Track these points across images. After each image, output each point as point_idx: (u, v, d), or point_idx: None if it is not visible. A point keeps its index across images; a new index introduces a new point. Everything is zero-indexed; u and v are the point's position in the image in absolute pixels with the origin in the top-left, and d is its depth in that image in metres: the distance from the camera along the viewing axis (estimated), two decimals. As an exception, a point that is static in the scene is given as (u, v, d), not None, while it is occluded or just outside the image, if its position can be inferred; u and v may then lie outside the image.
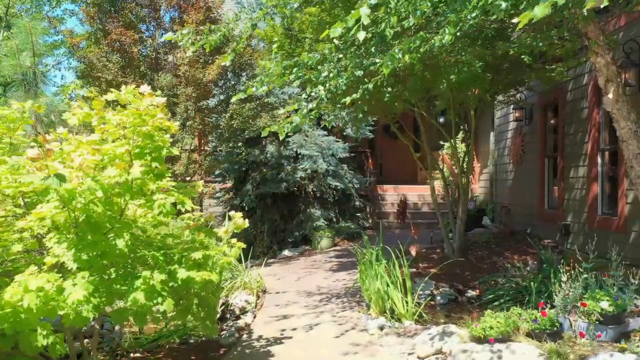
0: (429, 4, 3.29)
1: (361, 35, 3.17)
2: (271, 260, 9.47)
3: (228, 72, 8.61)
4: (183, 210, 3.52)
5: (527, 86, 8.38)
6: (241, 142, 10.07)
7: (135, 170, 3.07)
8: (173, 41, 8.25)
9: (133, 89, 3.48)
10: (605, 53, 4.65)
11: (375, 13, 3.53)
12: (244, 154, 10.05)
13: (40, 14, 8.60)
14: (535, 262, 6.79)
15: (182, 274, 3.40)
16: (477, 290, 6.44)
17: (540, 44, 5.37)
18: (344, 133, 11.21)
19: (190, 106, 7.63)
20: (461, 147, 10.17)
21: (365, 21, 3.01)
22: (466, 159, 8.44)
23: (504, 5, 2.92)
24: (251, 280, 6.71)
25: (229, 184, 11.37)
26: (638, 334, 4.00)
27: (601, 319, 3.95)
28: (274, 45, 5.61)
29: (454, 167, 10.96)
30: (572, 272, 4.60)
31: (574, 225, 7.82)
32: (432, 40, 3.48)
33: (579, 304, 4.06)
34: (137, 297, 3.08)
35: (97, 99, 3.39)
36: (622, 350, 3.68)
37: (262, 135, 6.07)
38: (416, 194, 12.80)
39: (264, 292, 6.85)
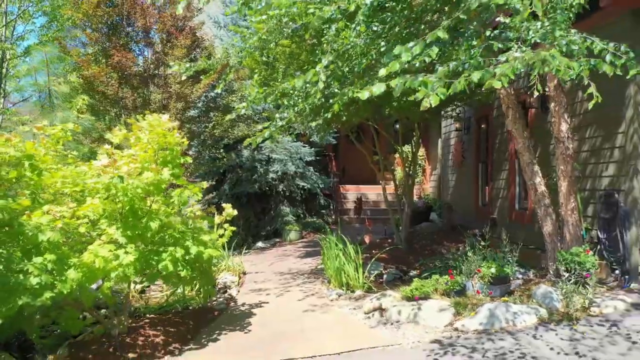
0: (364, 61, 4.77)
1: (320, 85, 4.63)
2: (247, 251, 10.84)
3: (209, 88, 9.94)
4: (195, 200, 4.91)
5: (464, 102, 10.02)
6: (222, 148, 11.44)
7: (165, 174, 4.46)
8: (160, 59, 9.61)
9: (158, 117, 4.84)
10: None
11: (329, 67, 4.99)
12: (225, 159, 11.40)
13: (47, 35, 9.66)
14: (464, 248, 8.42)
15: (194, 250, 4.79)
16: (418, 271, 7.96)
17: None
18: (311, 139, 12.67)
19: (179, 117, 8.94)
20: (408, 153, 11.75)
21: (322, 81, 4.44)
22: (411, 164, 9.97)
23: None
24: (233, 264, 8.11)
25: (209, 185, 12.70)
26: (517, 291, 5.62)
27: (492, 280, 5.54)
28: (255, 76, 7.00)
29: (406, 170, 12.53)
30: (485, 252, 6.19)
31: (499, 219, 9.51)
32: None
33: (478, 270, 5.64)
34: (167, 264, 4.46)
35: (135, 124, 4.75)
36: (505, 302, 5.27)
37: (244, 145, 7.48)
38: (375, 193, 14.38)
39: (244, 273, 8.25)
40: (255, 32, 6.41)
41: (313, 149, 12.87)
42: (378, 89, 3.82)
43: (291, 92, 5.99)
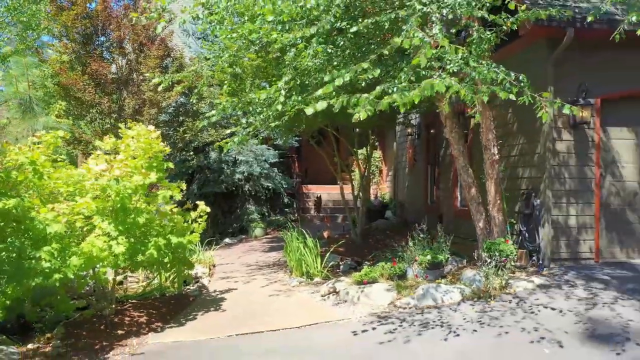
0: (321, 76, 5.68)
1: (281, 98, 5.51)
2: (215, 247, 11.59)
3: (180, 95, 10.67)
4: (175, 199, 5.72)
5: (415, 110, 11.07)
6: (191, 150, 12.15)
7: (152, 177, 5.26)
8: (134, 68, 10.28)
9: (143, 127, 5.62)
10: (442, 98, 7.23)
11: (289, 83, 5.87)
12: (194, 161, 12.13)
13: (24, 44, 10.11)
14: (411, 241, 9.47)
15: (174, 240, 5.60)
16: (371, 261, 8.92)
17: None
18: (275, 143, 13.52)
19: (153, 123, 9.63)
20: (364, 155, 12.74)
21: (282, 95, 5.33)
22: (366, 166, 10.97)
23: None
24: (204, 258, 8.90)
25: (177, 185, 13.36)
26: (449, 275, 6.66)
27: (428, 266, 6.56)
28: (225, 87, 7.81)
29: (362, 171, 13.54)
30: (429, 243, 7.21)
31: (445, 215, 10.62)
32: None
33: (416, 258, 6.65)
34: (153, 252, 5.26)
35: (126, 134, 5.51)
36: (438, 283, 6.28)
37: (215, 147, 8.27)
38: (334, 192, 15.29)
39: (214, 266, 9.05)
40: (225, 47, 7.25)
41: (277, 151, 13.72)
42: (321, 105, 4.78)
43: (257, 101, 6.88)
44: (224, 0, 5.82)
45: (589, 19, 5.73)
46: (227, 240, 12.27)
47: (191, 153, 12.25)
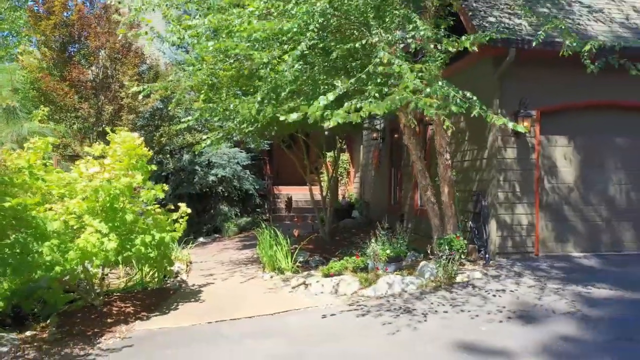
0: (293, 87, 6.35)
1: (253, 111, 6.16)
2: (191, 245, 12.12)
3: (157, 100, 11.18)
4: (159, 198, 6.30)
5: (379, 116, 11.88)
6: (167, 153, 12.65)
7: (138, 178, 5.84)
8: (111, 75, 10.74)
9: (129, 134, 6.18)
10: (404, 108, 8.01)
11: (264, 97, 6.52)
12: (169, 163, 12.62)
13: (5, 49, 10.44)
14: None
15: (157, 236, 6.18)
16: (338, 257, 9.62)
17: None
18: (247, 146, 14.11)
19: (131, 127, 10.13)
20: (332, 158, 13.48)
21: (255, 108, 5.98)
22: (334, 169, 11.70)
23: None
24: (182, 255, 9.45)
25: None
26: (407, 267, 7.43)
27: (388, 260, 7.32)
28: (201, 96, 8.39)
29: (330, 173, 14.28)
30: (390, 239, 7.96)
31: (407, 215, 11.43)
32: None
33: (377, 252, 7.40)
34: (140, 248, 5.83)
35: (113, 140, 6.06)
36: (396, 275, 7.04)
37: (194, 150, 8.84)
38: (304, 193, 15.95)
39: (191, 263, 9.60)
40: (202, 58, 7.84)
41: (249, 154, 14.32)
42: (297, 116, 5.48)
43: (232, 109, 7.52)
44: (204, 24, 6.38)
45: (533, 43, 6.59)
46: (201, 239, 12.80)
47: (167, 156, 12.74)
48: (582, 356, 4.41)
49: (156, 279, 7.83)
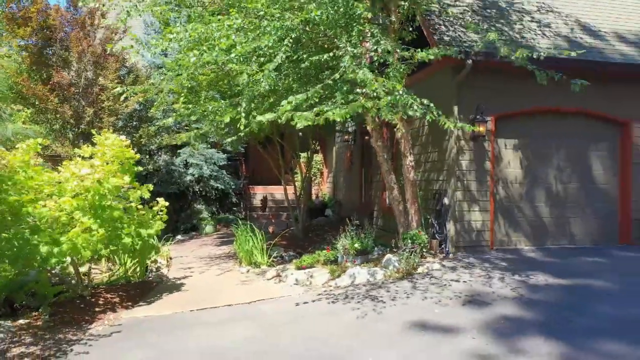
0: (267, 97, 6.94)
1: (243, 120, 6.72)
2: (169, 243, 12.56)
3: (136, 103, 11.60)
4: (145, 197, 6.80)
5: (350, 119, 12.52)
6: (147, 154, 13.05)
7: (126, 179, 6.33)
8: (92, 79, 11.12)
9: (117, 137, 6.66)
10: (367, 114, 8.66)
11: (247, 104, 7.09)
12: (149, 164, 13.03)
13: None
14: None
15: (143, 232, 6.69)
16: (310, 252, 10.21)
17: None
18: (224, 147, 14.60)
19: (111, 129, 10.54)
20: (306, 158, 14.07)
21: (243, 116, 6.55)
22: (307, 169, 12.29)
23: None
24: (162, 251, 9.90)
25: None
26: (374, 260, 8.08)
27: (356, 253, 7.96)
28: (182, 98, 8.88)
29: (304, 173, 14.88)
30: (358, 235, 8.60)
31: (376, 212, 12.12)
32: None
33: (346, 247, 8.04)
34: (127, 240, 6.33)
35: (102, 142, 6.54)
36: (364, 267, 7.68)
37: (172, 153, 9.34)
38: (279, 192, 16.57)
39: (171, 258, 10.07)
40: (182, 65, 8.33)
41: (226, 154, 14.81)
42: (271, 116, 6.11)
43: (210, 111, 8.07)
44: (186, 37, 6.90)
45: (475, 48, 7.33)
46: (179, 237, 13.25)
47: (146, 156, 13.14)
48: (518, 332, 5.10)
49: (138, 273, 8.31)
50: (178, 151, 13.66)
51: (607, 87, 9.15)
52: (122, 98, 8.61)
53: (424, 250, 8.13)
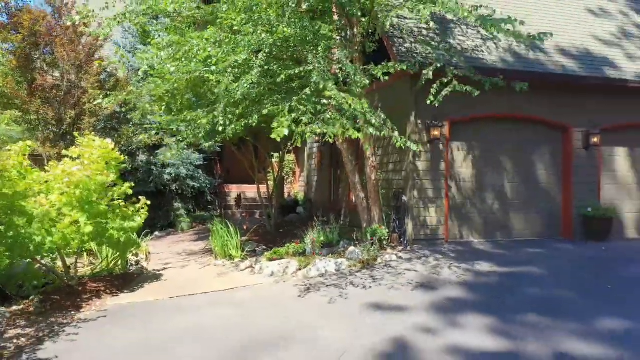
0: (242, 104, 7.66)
1: (220, 121, 7.40)
2: (147, 239, 13.12)
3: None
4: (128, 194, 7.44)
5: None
6: (126, 154, 13.55)
7: (112, 177, 6.96)
8: (74, 82, 11.63)
9: (104, 140, 7.28)
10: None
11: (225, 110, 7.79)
12: (129, 164, 13.55)
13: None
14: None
15: (127, 224, 7.33)
16: (281, 247, 11.00)
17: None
18: (200, 147, 15.19)
19: (91, 130, 11.08)
20: (278, 158, 14.77)
21: (221, 121, 7.25)
22: (279, 169, 13.01)
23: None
24: (142, 247, 10.49)
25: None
26: (339, 252, 8.87)
27: (322, 245, 8.73)
28: (163, 107, 9.53)
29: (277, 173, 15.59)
30: (324, 229, 9.38)
31: (344, 210, 12.91)
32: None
33: (314, 240, 8.80)
34: (113, 233, 6.97)
35: (90, 144, 7.15)
36: (329, 258, 8.46)
37: (149, 153, 9.95)
38: (253, 191, 17.24)
39: (150, 253, 10.66)
40: (163, 77, 8.99)
41: (202, 155, 15.42)
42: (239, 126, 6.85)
43: (190, 120, 8.74)
44: (168, 53, 7.57)
45: (442, 69, 8.20)
46: (157, 233, 13.82)
47: (126, 156, 13.64)
48: (458, 310, 5.94)
49: (120, 266, 8.91)
50: (156, 151, 14.22)
51: (550, 96, 10.14)
52: (104, 105, 9.14)
53: (385, 243, 8.95)
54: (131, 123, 12.87)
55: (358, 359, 4.69)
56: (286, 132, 6.41)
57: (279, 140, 6.77)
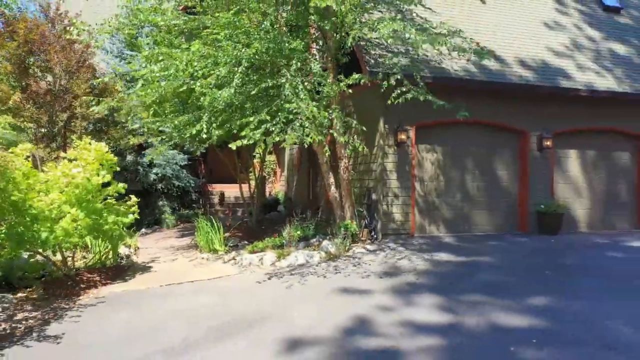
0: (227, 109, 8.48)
1: (205, 135, 8.20)
2: (135, 235, 13.81)
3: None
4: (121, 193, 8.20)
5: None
6: (115, 154, 14.23)
7: (107, 177, 7.72)
8: (65, 87, 12.29)
9: (99, 144, 8.02)
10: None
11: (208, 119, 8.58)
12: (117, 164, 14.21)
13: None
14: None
15: (119, 219, 8.09)
16: (262, 242, 11.84)
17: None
18: (185, 149, 15.93)
19: (82, 133, 11.76)
20: (259, 159, 15.60)
21: (205, 129, 8.06)
22: (260, 169, 13.82)
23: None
24: (130, 242, 11.23)
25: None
26: (314, 245, 9.72)
27: (299, 239, 9.58)
28: (151, 112, 10.27)
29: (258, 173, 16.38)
30: (296, 225, 10.21)
31: (321, 207, 13.78)
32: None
33: (291, 234, 9.65)
34: (108, 227, 7.73)
35: (88, 147, 7.88)
36: (305, 251, 9.30)
37: (136, 154, 10.67)
38: (236, 190, 17.99)
39: (138, 248, 11.40)
40: (149, 86, 9.71)
41: (186, 155, 16.14)
42: (223, 130, 7.66)
43: (177, 125, 9.52)
44: (159, 68, 8.36)
45: (407, 79, 9.09)
46: (143, 230, 14.51)
47: (115, 157, 14.32)
48: (414, 292, 6.83)
49: (111, 259, 9.64)
50: (142, 152, 14.90)
51: (509, 103, 11.14)
52: (95, 110, 9.86)
53: (355, 237, 9.84)
54: (119, 125, 13.57)
55: (324, 331, 5.55)
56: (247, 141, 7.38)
57: (234, 149, 7.70)
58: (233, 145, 7.28)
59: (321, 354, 4.96)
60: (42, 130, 11.68)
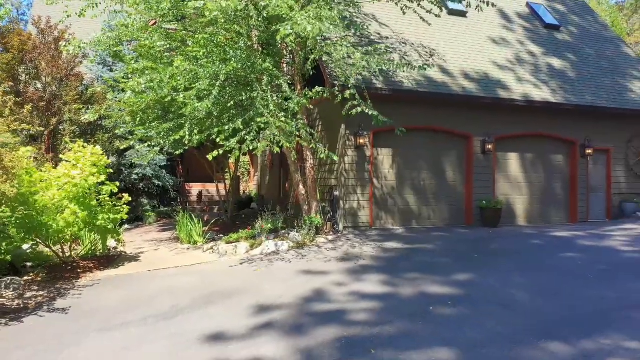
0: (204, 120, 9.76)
1: (186, 136, 9.46)
2: (122, 230, 14.89)
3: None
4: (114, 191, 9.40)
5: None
6: (100, 156, 15.31)
7: (102, 177, 8.91)
8: (55, 94, 13.33)
9: (96, 147, 9.20)
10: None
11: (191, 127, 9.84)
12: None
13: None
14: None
15: (113, 215, 9.28)
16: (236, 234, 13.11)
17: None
18: (164, 150, 17.03)
19: (72, 137, 12.83)
20: (234, 159, 16.79)
21: (187, 136, 9.33)
22: (235, 169, 15.07)
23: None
24: (119, 237, 12.36)
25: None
26: (281, 237, 11.05)
27: (269, 231, 10.91)
28: (137, 119, 11.41)
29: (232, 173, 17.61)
30: (268, 218, 11.53)
31: (290, 204, 15.10)
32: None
33: (262, 226, 10.96)
34: (102, 221, 8.92)
35: (84, 150, 9.05)
36: (275, 240, 10.63)
37: (119, 155, 11.81)
38: (213, 189, 19.21)
39: (124, 241, 12.54)
40: (139, 96, 10.88)
41: (166, 156, 17.27)
42: (203, 137, 8.94)
43: (161, 129, 10.73)
44: (145, 81, 9.58)
45: (361, 90, 10.49)
46: (126, 226, 15.58)
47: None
48: (364, 272, 8.22)
49: (101, 250, 10.80)
50: (124, 154, 15.99)
51: (456, 111, 12.68)
52: (86, 117, 10.97)
53: (320, 229, 11.21)
54: (105, 130, 14.65)
55: (289, 300, 6.89)
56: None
57: (210, 159, 9.01)
58: (210, 157, 8.58)
59: (285, 315, 6.30)
60: (32, 132, 12.71)
